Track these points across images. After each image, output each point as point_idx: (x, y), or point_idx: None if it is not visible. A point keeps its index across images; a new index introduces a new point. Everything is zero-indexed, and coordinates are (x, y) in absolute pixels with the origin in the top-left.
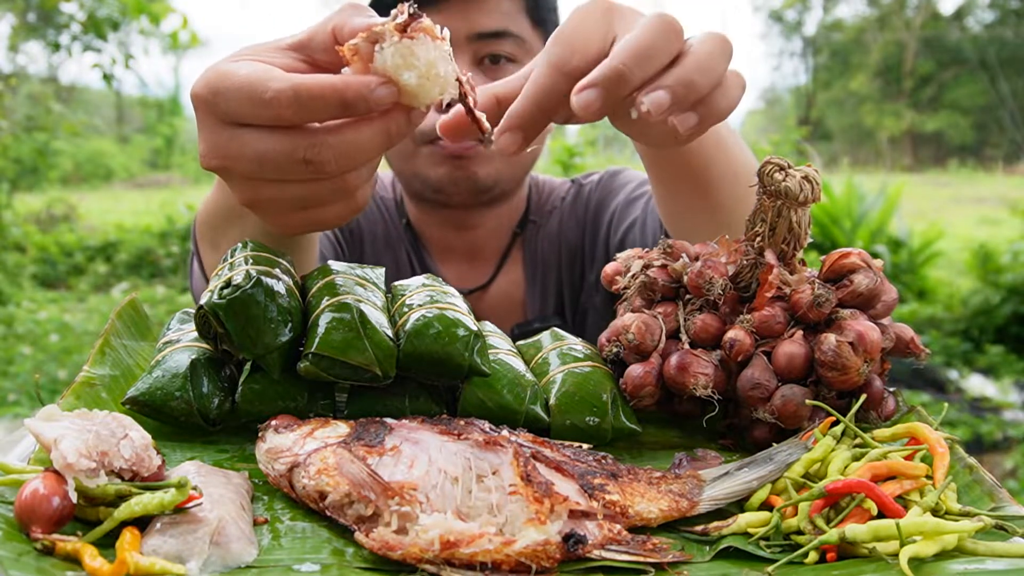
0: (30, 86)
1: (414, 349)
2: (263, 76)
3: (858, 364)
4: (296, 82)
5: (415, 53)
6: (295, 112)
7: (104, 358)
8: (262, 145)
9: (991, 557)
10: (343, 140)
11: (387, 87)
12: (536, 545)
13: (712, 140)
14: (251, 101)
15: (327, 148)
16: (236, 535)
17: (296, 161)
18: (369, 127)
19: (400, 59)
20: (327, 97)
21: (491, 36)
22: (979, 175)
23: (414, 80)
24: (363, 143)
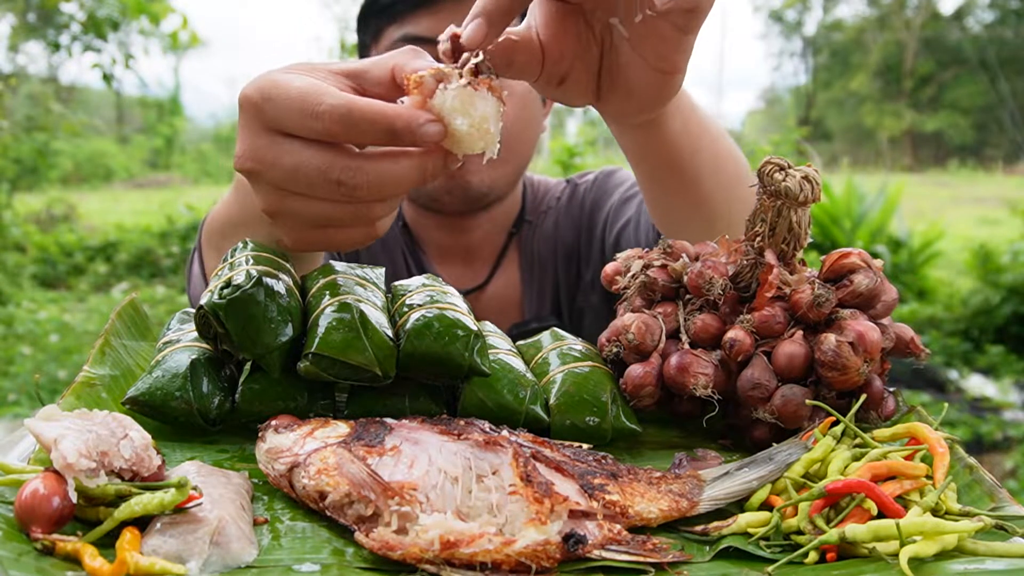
0: (30, 86)
1: (414, 349)
2: (319, 89)
3: (858, 364)
4: (351, 100)
5: (474, 103)
6: (343, 129)
7: (104, 358)
8: (301, 156)
9: (991, 557)
10: (380, 168)
11: (436, 125)
12: (536, 545)
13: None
14: (302, 111)
15: (362, 173)
16: (236, 535)
17: (330, 180)
18: (407, 160)
19: (458, 103)
20: (378, 121)
21: None
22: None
23: (464, 128)
24: (398, 175)
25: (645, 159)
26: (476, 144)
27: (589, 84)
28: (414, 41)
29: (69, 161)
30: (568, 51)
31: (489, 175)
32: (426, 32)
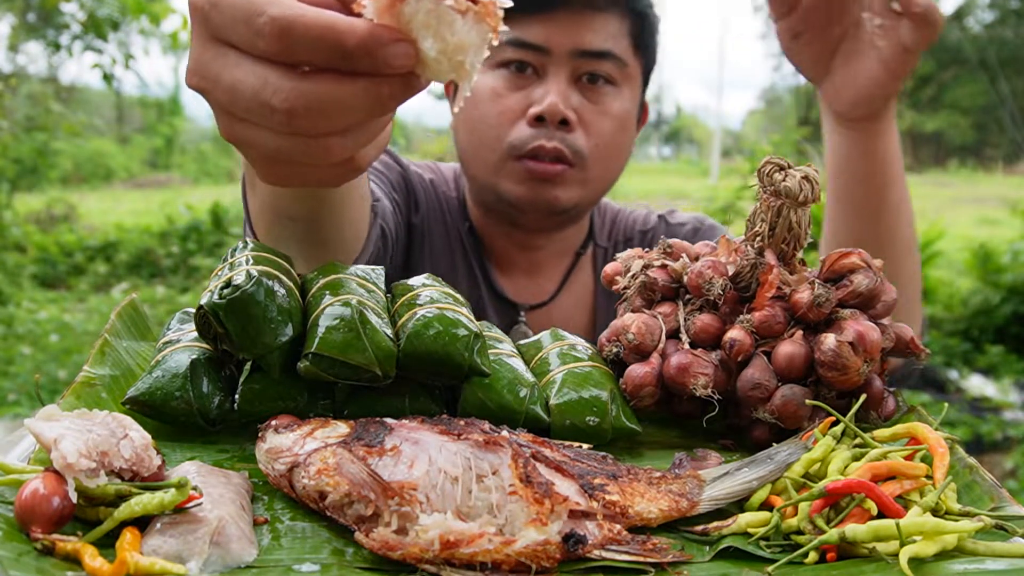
0: (30, 86)
1: (414, 349)
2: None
3: (858, 364)
4: (295, 13)
5: (454, 26)
6: (282, 48)
7: (104, 358)
8: (239, 74)
9: (991, 557)
10: (318, 91)
11: (404, 46)
12: (536, 545)
13: (897, 163)
14: (245, 23)
15: (297, 97)
16: (236, 535)
17: (262, 103)
18: (353, 85)
19: (432, 21)
20: (324, 38)
21: (595, 55)
22: (979, 175)
23: (433, 53)
24: (344, 100)
25: (847, 168)
26: (443, 73)
27: (823, 53)
28: (522, 47)
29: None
30: (821, 9)
31: (577, 192)
32: (535, 39)
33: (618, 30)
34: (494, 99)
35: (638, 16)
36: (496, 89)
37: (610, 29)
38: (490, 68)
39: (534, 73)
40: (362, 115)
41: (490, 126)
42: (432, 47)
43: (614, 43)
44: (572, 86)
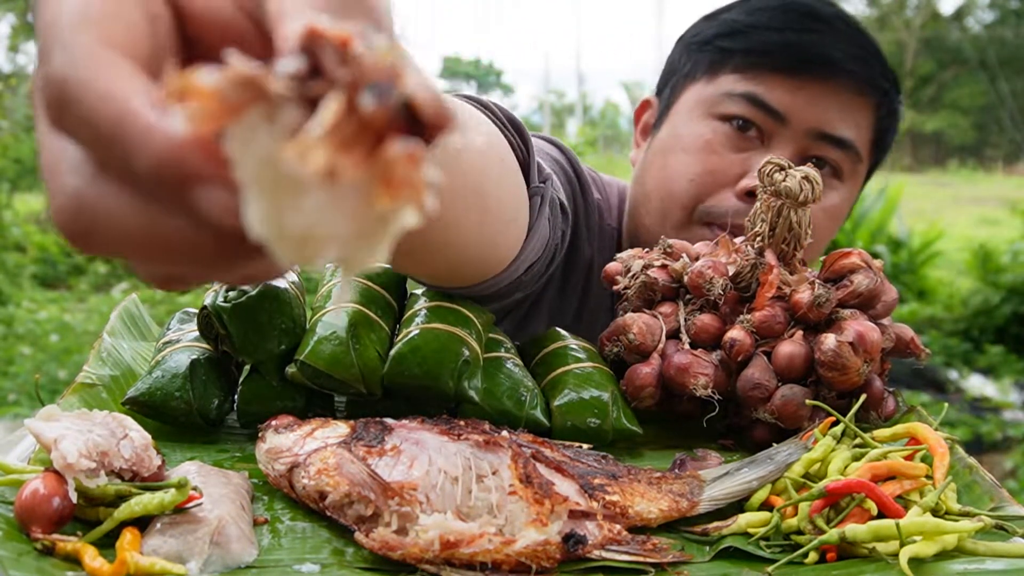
0: (30, 86)
1: (399, 372)
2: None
3: (858, 364)
4: (78, 75)
5: (299, 200)
6: (53, 116)
7: (104, 358)
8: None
9: (991, 557)
10: (104, 206)
11: (218, 195)
12: (536, 545)
13: None
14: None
15: (80, 209)
16: (236, 535)
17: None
18: (161, 220)
19: (267, 179)
20: (103, 135)
21: (834, 141)
22: (979, 175)
23: (261, 228)
24: (147, 238)
25: None
26: (286, 256)
27: None
28: (758, 106)
29: None
30: None
31: None
32: (777, 103)
33: (864, 120)
34: (704, 152)
35: (888, 111)
36: (709, 142)
37: (857, 117)
38: (705, 117)
39: (758, 137)
40: (181, 263)
41: (690, 182)
42: (262, 219)
43: (856, 133)
44: (794, 161)
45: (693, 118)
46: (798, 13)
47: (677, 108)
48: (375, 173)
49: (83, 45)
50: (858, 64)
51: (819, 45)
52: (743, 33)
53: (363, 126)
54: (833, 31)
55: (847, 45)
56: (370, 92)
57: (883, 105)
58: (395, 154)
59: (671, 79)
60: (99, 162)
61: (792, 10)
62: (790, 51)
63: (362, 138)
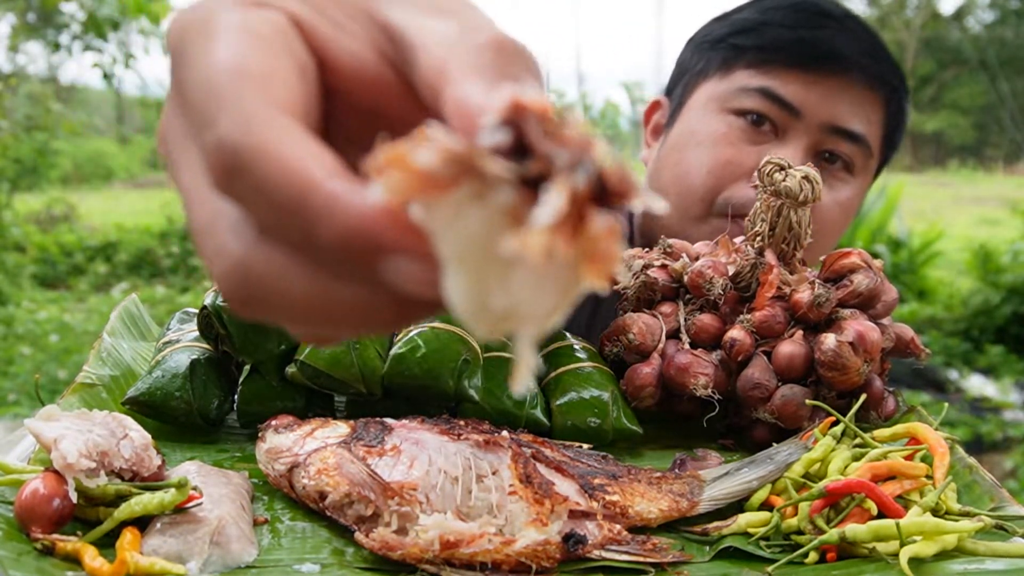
0: (30, 86)
1: (398, 372)
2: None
3: (858, 364)
4: (252, 142)
5: (508, 279)
6: (222, 181)
7: (104, 358)
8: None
9: (991, 557)
10: (279, 277)
11: (414, 268)
12: (536, 545)
13: None
14: (188, 124)
15: (248, 276)
16: (236, 535)
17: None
18: (338, 290)
19: (473, 258)
20: (281, 205)
21: (847, 135)
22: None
23: (465, 304)
24: (322, 307)
25: None
26: (478, 329)
27: None
28: (773, 100)
29: (69, 161)
30: None
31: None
32: (791, 97)
33: (875, 114)
34: (720, 145)
35: (898, 106)
36: (725, 135)
37: (869, 112)
38: (719, 112)
39: (772, 131)
40: (349, 327)
41: (708, 174)
42: (464, 296)
43: (868, 128)
44: (810, 159)
45: (707, 113)
46: (809, 11)
47: (690, 105)
48: (582, 250)
49: (252, 108)
50: (869, 60)
51: (831, 41)
52: (756, 30)
53: (573, 203)
54: (844, 28)
55: (858, 41)
56: (581, 170)
57: (893, 101)
58: (600, 230)
59: (682, 78)
60: (271, 229)
61: (803, 8)
62: (803, 46)
63: (571, 214)
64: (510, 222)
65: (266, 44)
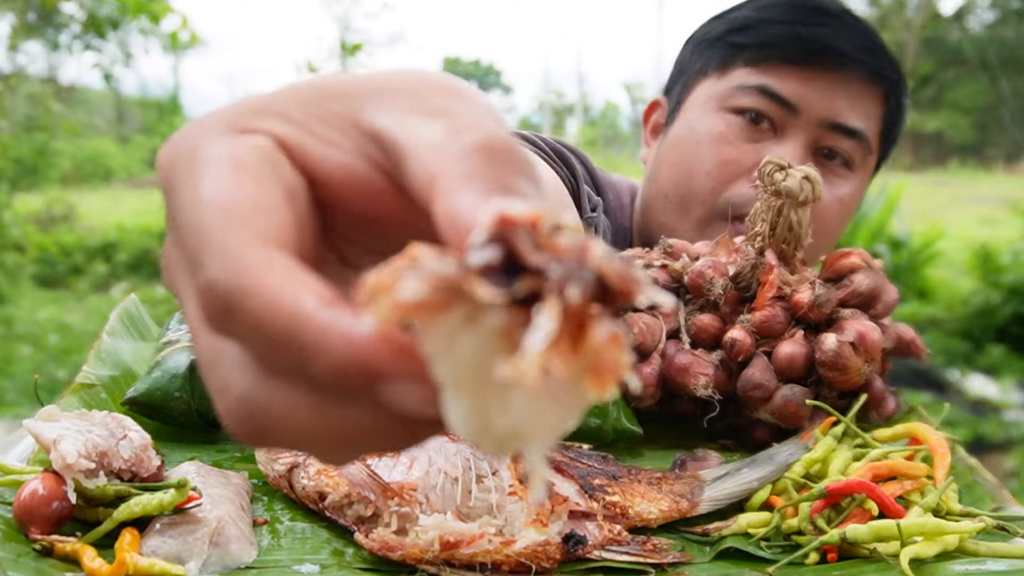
0: (30, 86)
1: None
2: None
3: (859, 364)
4: (241, 283)
5: (506, 401)
6: (219, 326)
7: (104, 359)
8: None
9: (992, 558)
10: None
11: (412, 390)
12: (536, 546)
13: None
14: (182, 268)
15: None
16: (235, 536)
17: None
18: (340, 414)
19: (470, 382)
20: (278, 343)
21: (845, 131)
22: (980, 175)
23: (464, 427)
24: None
25: None
26: (481, 446)
27: None
28: (771, 98)
29: (69, 161)
30: None
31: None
32: (789, 94)
33: (874, 111)
34: (719, 144)
35: (896, 102)
36: (724, 134)
37: (867, 107)
38: (718, 110)
39: (770, 128)
40: (360, 451)
41: (707, 175)
42: (464, 420)
43: (867, 123)
44: (809, 156)
45: (706, 112)
46: (807, 8)
47: (689, 104)
48: (585, 363)
49: (238, 249)
50: (866, 55)
51: (828, 37)
52: (753, 28)
53: (569, 317)
54: (841, 24)
55: (855, 37)
56: (574, 282)
57: (891, 96)
58: (602, 341)
59: (681, 77)
60: (270, 364)
61: (801, 5)
62: (800, 43)
63: (568, 329)
64: (505, 344)
65: (250, 174)
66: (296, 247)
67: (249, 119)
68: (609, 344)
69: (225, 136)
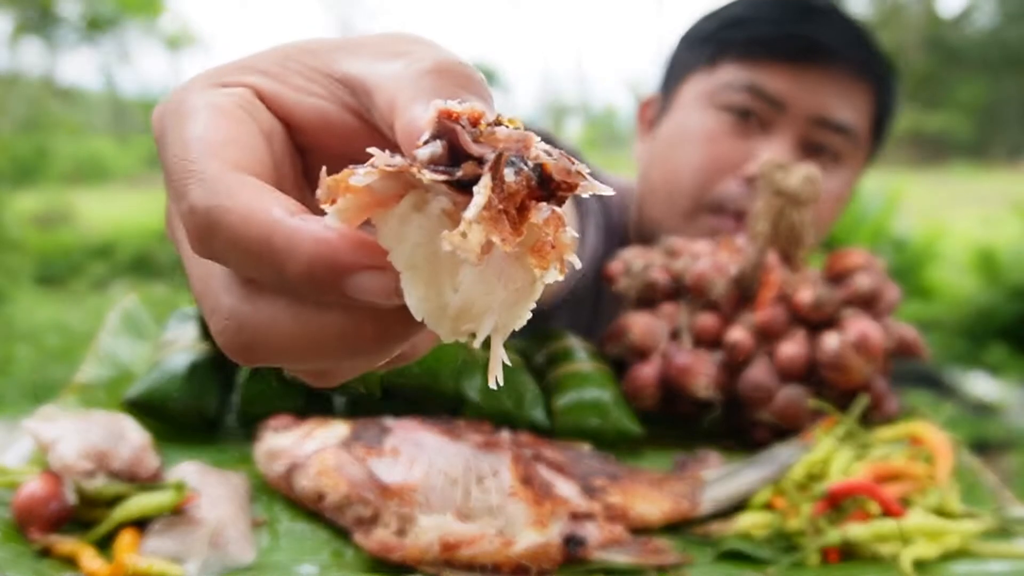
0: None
1: (397, 374)
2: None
3: (860, 364)
4: (218, 206)
5: (456, 276)
6: (203, 249)
7: (103, 358)
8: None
9: (994, 558)
10: (263, 319)
11: (376, 278)
12: (536, 547)
13: None
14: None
15: (241, 325)
16: (234, 536)
17: (209, 318)
18: (317, 318)
19: (421, 261)
20: (253, 253)
21: (834, 127)
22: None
23: (419, 310)
24: (305, 338)
25: None
26: (444, 333)
27: None
28: (757, 95)
29: (68, 161)
30: None
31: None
32: (775, 91)
33: (863, 105)
34: (707, 142)
35: (886, 95)
36: (711, 132)
37: (856, 101)
38: (707, 107)
39: (758, 125)
40: (340, 356)
41: (695, 171)
42: (421, 301)
43: (856, 118)
44: (797, 152)
45: (695, 109)
46: (795, 6)
47: (679, 101)
48: (525, 242)
49: (215, 173)
50: (855, 51)
51: (816, 33)
52: (742, 25)
53: (507, 198)
54: (829, 21)
55: (843, 33)
56: (511, 167)
57: (881, 90)
58: (541, 220)
59: (673, 74)
60: (250, 278)
61: (789, 3)
62: (788, 40)
63: (507, 208)
64: (450, 225)
65: (229, 116)
66: (272, 179)
67: (230, 75)
68: (549, 223)
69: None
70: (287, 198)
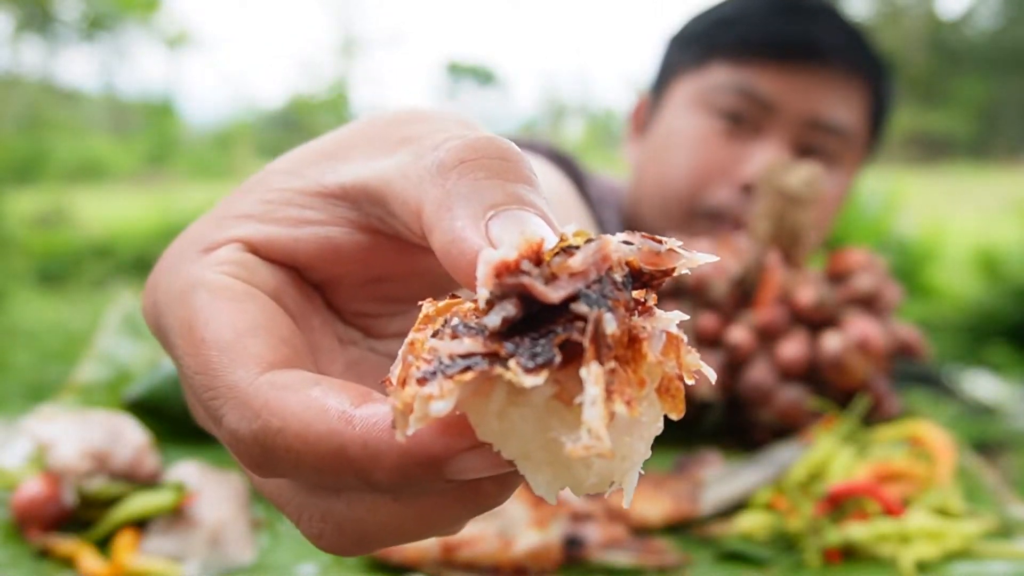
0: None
1: None
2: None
3: (861, 364)
4: (285, 428)
5: (562, 450)
6: (273, 470)
7: (102, 359)
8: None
9: (995, 559)
10: (355, 515)
11: (475, 459)
12: (536, 547)
13: None
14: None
15: (333, 526)
16: (234, 536)
17: (303, 528)
18: (408, 507)
19: (536, 426)
20: (334, 469)
21: (828, 129)
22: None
23: (541, 479)
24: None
25: None
26: (582, 492)
27: None
28: (748, 97)
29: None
30: None
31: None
32: (766, 93)
33: (858, 104)
34: (698, 147)
35: (881, 93)
36: (702, 136)
37: (850, 101)
38: (698, 109)
39: (750, 128)
40: (448, 527)
41: (686, 176)
42: (550, 487)
43: (850, 118)
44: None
45: (686, 112)
46: (784, 6)
47: (669, 103)
48: (649, 388)
49: (245, 388)
50: (847, 50)
51: (806, 33)
52: (732, 25)
53: (614, 345)
54: (819, 21)
55: (835, 33)
56: (602, 306)
57: (875, 88)
58: (657, 357)
59: (663, 75)
60: (330, 487)
61: (780, 3)
62: (778, 41)
63: (619, 356)
64: (561, 407)
65: (228, 297)
66: (300, 345)
67: (213, 232)
68: (668, 351)
69: (194, 262)
70: (331, 382)
